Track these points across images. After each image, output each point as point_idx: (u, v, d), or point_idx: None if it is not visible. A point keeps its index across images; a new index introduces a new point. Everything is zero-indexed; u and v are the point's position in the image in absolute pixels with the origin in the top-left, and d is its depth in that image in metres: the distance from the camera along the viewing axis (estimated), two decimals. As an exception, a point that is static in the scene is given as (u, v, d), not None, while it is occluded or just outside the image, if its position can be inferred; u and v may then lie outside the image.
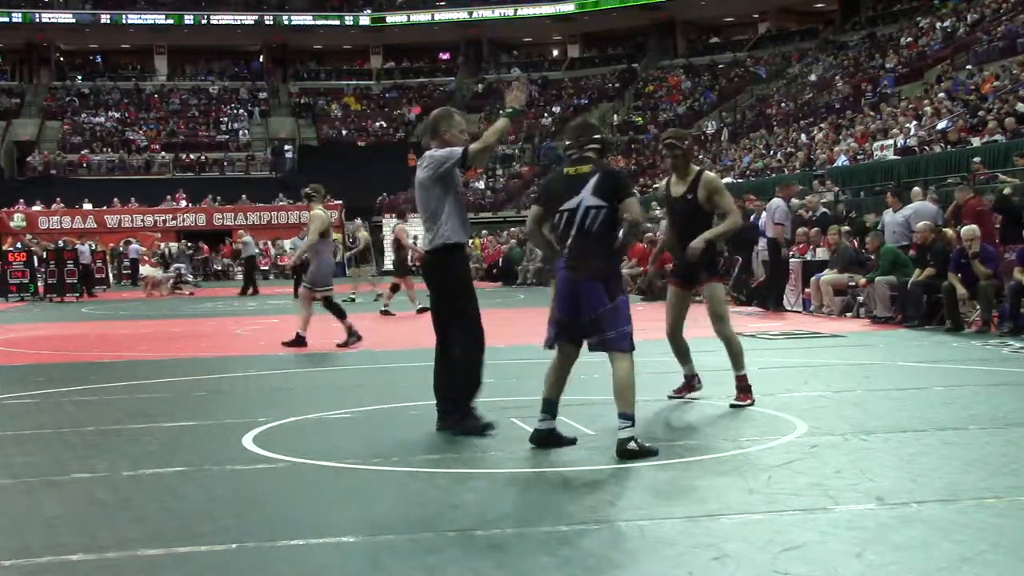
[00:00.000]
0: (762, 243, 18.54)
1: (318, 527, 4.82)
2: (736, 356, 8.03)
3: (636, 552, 4.40)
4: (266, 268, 42.95)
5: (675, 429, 7.08)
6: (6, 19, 57.90)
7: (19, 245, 32.39)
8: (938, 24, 39.62)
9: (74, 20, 59.68)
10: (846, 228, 18.10)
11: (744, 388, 8.02)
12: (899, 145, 26.48)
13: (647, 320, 17.51)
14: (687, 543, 4.46)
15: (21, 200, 44.21)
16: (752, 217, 19.35)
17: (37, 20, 58.88)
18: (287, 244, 37.16)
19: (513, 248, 33.91)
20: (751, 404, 7.88)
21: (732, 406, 7.87)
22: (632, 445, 6.09)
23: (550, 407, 6.55)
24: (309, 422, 7.62)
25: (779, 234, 17.36)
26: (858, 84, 39.12)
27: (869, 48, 44.13)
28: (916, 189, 18.02)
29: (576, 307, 6.35)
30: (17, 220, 41.94)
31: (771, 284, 18.03)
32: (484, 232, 39.83)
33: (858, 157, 27.77)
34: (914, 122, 27.95)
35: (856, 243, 17.71)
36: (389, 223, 46.57)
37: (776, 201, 17.78)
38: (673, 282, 8.27)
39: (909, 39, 40.75)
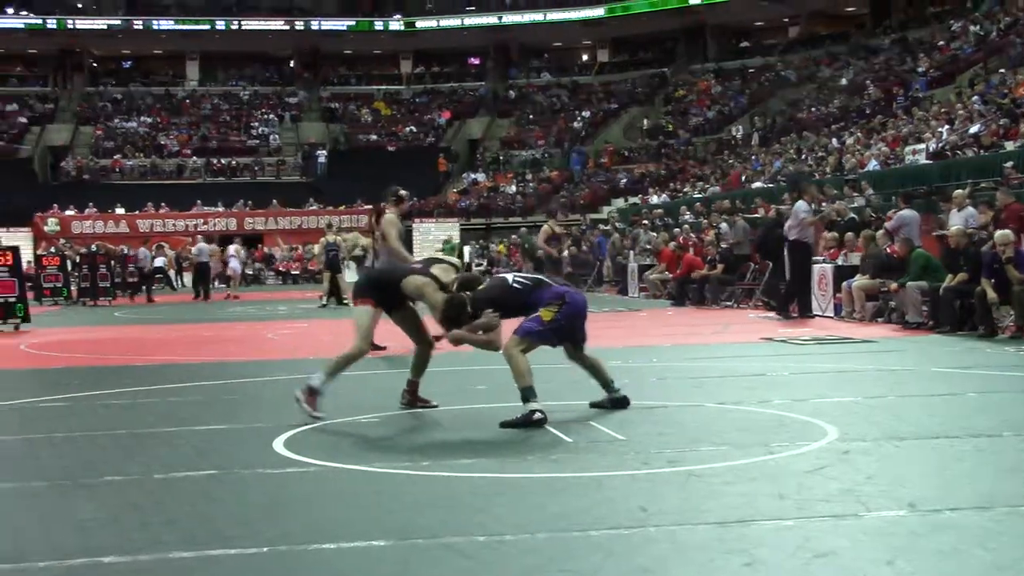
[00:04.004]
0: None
1: (348, 531, 4.84)
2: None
3: (666, 558, 4.39)
4: (296, 272, 43.15)
5: (706, 434, 7.06)
6: (41, 26, 58.44)
7: (53, 250, 32.68)
8: (971, 27, 39.35)
9: (107, 26, 60.12)
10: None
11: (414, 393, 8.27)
12: (931, 149, 26.30)
13: (675, 324, 17.52)
14: (718, 549, 4.45)
15: (55, 205, 44.56)
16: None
17: (71, 27, 59.33)
18: (316, 248, 37.29)
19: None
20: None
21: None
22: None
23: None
24: (340, 426, 7.64)
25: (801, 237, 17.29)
26: (889, 88, 38.90)
27: (900, 52, 43.88)
28: (959, 191, 17.73)
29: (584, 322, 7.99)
30: (51, 224, 42.28)
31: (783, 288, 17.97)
32: (514, 236, 39.82)
33: (889, 162, 27.60)
34: (946, 126, 27.76)
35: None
36: (419, 228, 46.73)
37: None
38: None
39: (941, 42, 40.48)
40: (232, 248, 35.90)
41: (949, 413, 7.81)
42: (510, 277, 8.13)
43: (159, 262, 34.10)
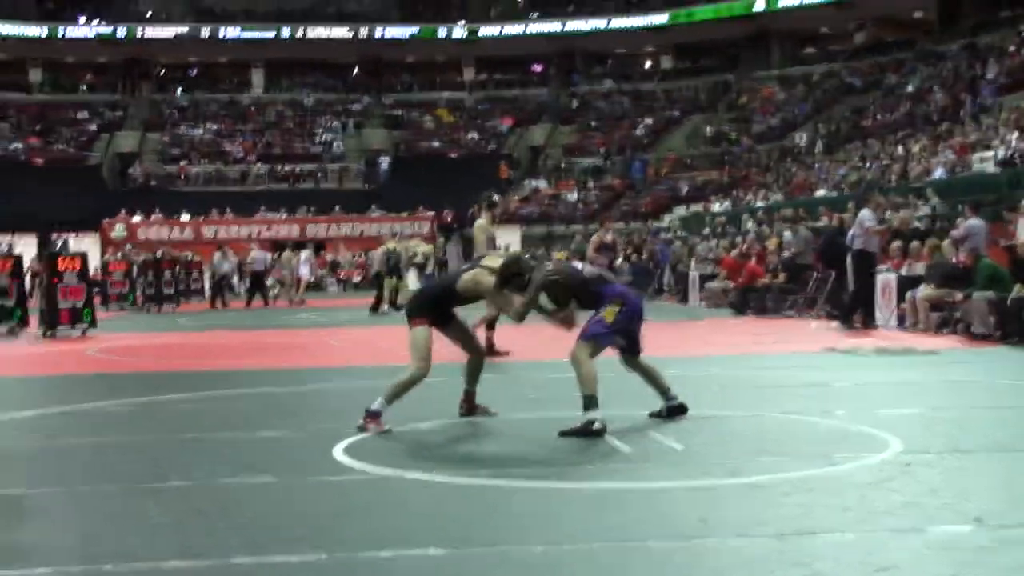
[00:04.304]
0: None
1: (407, 539, 4.86)
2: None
3: (725, 570, 4.37)
4: (358, 280, 43.41)
5: (766, 445, 7.01)
6: (111, 35, 59.47)
7: (119, 255, 33.17)
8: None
9: (174, 35, 60.99)
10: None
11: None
12: (1000, 157, 25.89)
13: (736, 333, 17.40)
14: (778, 561, 4.41)
15: (123, 210, 45.22)
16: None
17: (139, 35, 60.29)
18: (376, 254, 37.45)
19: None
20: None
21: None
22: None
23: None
24: (400, 433, 7.67)
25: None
26: (957, 95, 38.37)
27: (968, 58, 43.26)
28: None
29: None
30: (118, 230, 42.88)
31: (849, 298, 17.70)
32: (572, 246, 39.76)
33: (957, 169, 27.21)
34: (1016, 133, 27.32)
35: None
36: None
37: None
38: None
39: (1011, 48, 39.85)
40: (304, 254, 36.28)
41: (1018, 426, 7.68)
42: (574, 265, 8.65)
43: (224, 267, 34.52)
